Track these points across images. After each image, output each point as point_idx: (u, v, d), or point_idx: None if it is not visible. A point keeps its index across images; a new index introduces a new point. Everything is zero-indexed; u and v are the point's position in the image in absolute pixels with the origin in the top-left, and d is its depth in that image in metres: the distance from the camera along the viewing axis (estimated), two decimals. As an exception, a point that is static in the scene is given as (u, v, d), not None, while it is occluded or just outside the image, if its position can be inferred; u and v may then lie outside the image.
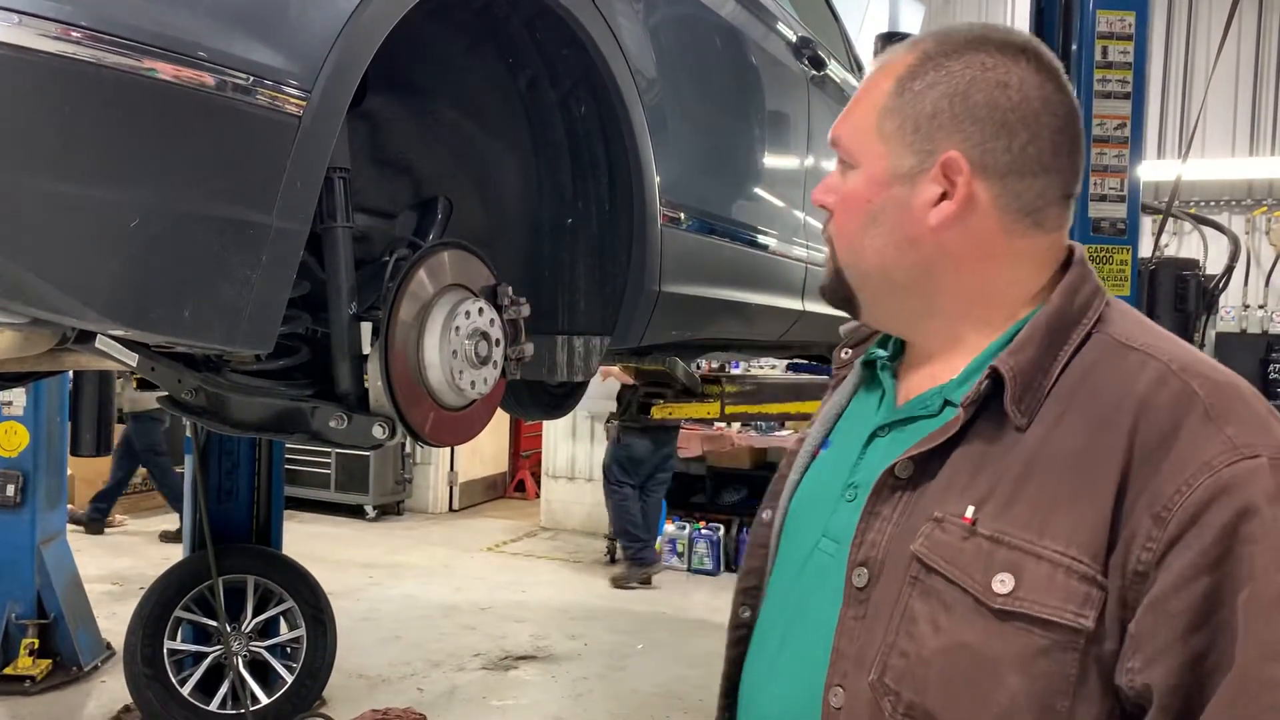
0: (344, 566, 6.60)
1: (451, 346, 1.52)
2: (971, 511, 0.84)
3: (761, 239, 2.56)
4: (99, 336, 1.26)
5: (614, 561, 6.93)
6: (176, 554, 4.63)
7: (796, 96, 2.81)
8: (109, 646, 4.75)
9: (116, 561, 6.51)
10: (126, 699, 4.05)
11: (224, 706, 4.00)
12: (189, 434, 4.16)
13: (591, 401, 5.05)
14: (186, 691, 3.95)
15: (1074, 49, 3.51)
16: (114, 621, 4.77)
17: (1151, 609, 0.77)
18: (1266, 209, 9.33)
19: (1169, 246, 7.75)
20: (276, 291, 1.21)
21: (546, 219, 1.94)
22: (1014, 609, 0.81)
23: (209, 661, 4.02)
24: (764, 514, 1.08)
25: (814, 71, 2.92)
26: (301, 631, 4.12)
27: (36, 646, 4.43)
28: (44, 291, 1.03)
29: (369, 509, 8.49)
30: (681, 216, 2.05)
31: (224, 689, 4.01)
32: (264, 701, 4.04)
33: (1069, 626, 0.79)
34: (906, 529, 0.88)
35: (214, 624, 3.98)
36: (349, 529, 8.11)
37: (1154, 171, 8.24)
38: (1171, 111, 9.54)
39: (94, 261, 1.04)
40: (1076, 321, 0.89)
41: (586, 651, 5.27)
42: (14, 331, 1.21)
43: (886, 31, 3.58)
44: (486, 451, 9.51)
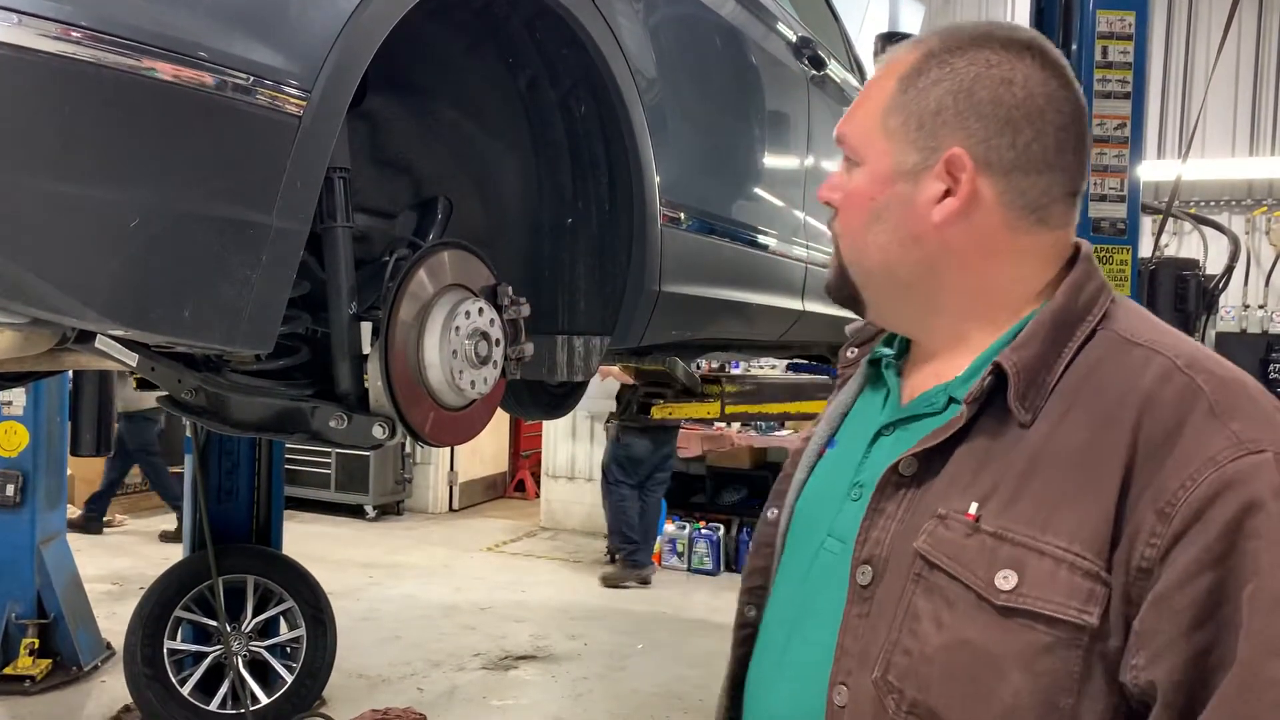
0: (344, 566, 6.60)
1: (451, 346, 1.52)
2: (975, 508, 0.84)
3: (761, 239, 2.56)
4: (99, 336, 1.26)
5: (614, 561, 6.94)
6: (176, 554, 4.63)
7: (796, 96, 2.81)
8: (109, 646, 4.75)
9: (116, 561, 6.51)
10: (126, 699, 4.05)
11: (224, 706, 3.99)
12: (189, 434, 4.17)
13: (591, 401, 5.05)
14: (186, 691, 3.95)
15: (1074, 49, 3.51)
16: (114, 621, 4.76)
17: (1155, 605, 0.77)
18: (1266, 209, 9.32)
19: (1169, 246, 7.75)
20: (276, 291, 1.21)
21: (546, 219, 1.94)
22: (1017, 606, 0.80)
23: (209, 661, 4.02)
24: (769, 513, 1.08)
25: (814, 71, 2.92)
26: (301, 631, 4.12)
27: (36, 646, 4.43)
28: (44, 291, 1.02)
29: (369, 509, 8.49)
30: (681, 216, 2.05)
31: (224, 689, 4.00)
32: (264, 701, 4.04)
33: (1072, 623, 0.79)
34: (910, 526, 0.88)
35: (214, 624, 3.98)
36: (349, 529, 8.11)
37: (1154, 171, 8.24)
38: (1171, 111, 9.54)
39: (94, 261, 1.04)
40: (1081, 318, 0.89)
41: (586, 651, 5.27)
42: (14, 331, 1.21)
43: (886, 31, 3.57)
44: (486, 451, 9.51)
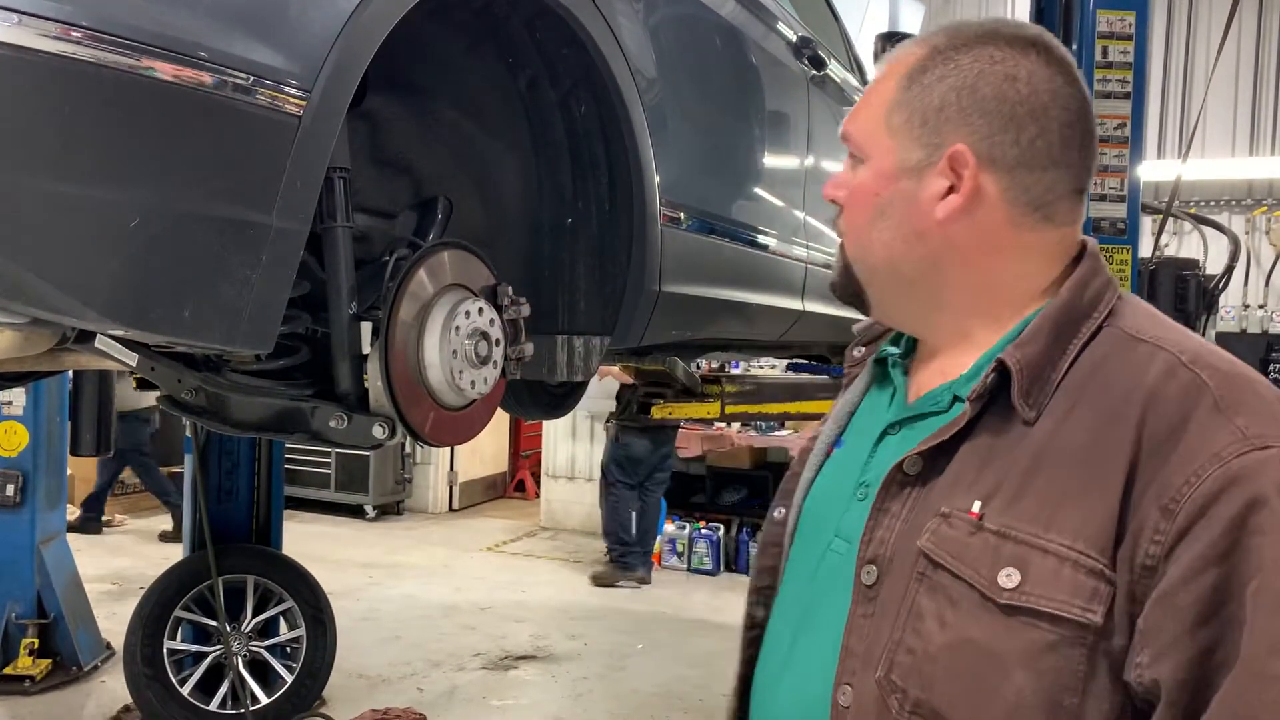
0: (344, 566, 6.59)
1: (451, 346, 1.52)
2: (978, 506, 0.83)
3: (761, 239, 2.56)
4: (99, 336, 1.26)
5: (639, 556, 6.91)
6: (176, 554, 4.63)
7: (796, 96, 2.81)
8: (109, 646, 4.75)
9: (116, 561, 6.51)
10: (126, 699, 4.05)
11: (224, 706, 4.00)
12: (189, 434, 4.17)
13: (591, 401, 5.05)
14: (186, 691, 3.95)
15: (1074, 49, 3.51)
16: (114, 621, 4.76)
17: (1159, 603, 0.76)
18: (1266, 209, 9.32)
19: (1169, 246, 7.75)
20: (276, 291, 1.20)
21: (546, 219, 1.94)
22: (1020, 604, 0.80)
23: (209, 661, 4.02)
24: (777, 512, 1.07)
25: (814, 71, 2.92)
26: (301, 631, 4.12)
27: (36, 646, 4.43)
28: (44, 291, 1.02)
29: (369, 509, 8.49)
30: (681, 216, 2.05)
31: (224, 689, 4.01)
32: (264, 701, 4.04)
33: (1076, 621, 0.78)
34: (914, 525, 0.87)
35: (214, 624, 3.98)
36: (349, 529, 8.11)
37: (1154, 171, 8.23)
38: (1171, 111, 9.54)
39: (94, 261, 1.04)
40: (1086, 315, 0.88)
41: (586, 651, 5.27)
42: (14, 331, 1.21)
43: (886, 31, 3.57)
44: (486, 451, 9.51)
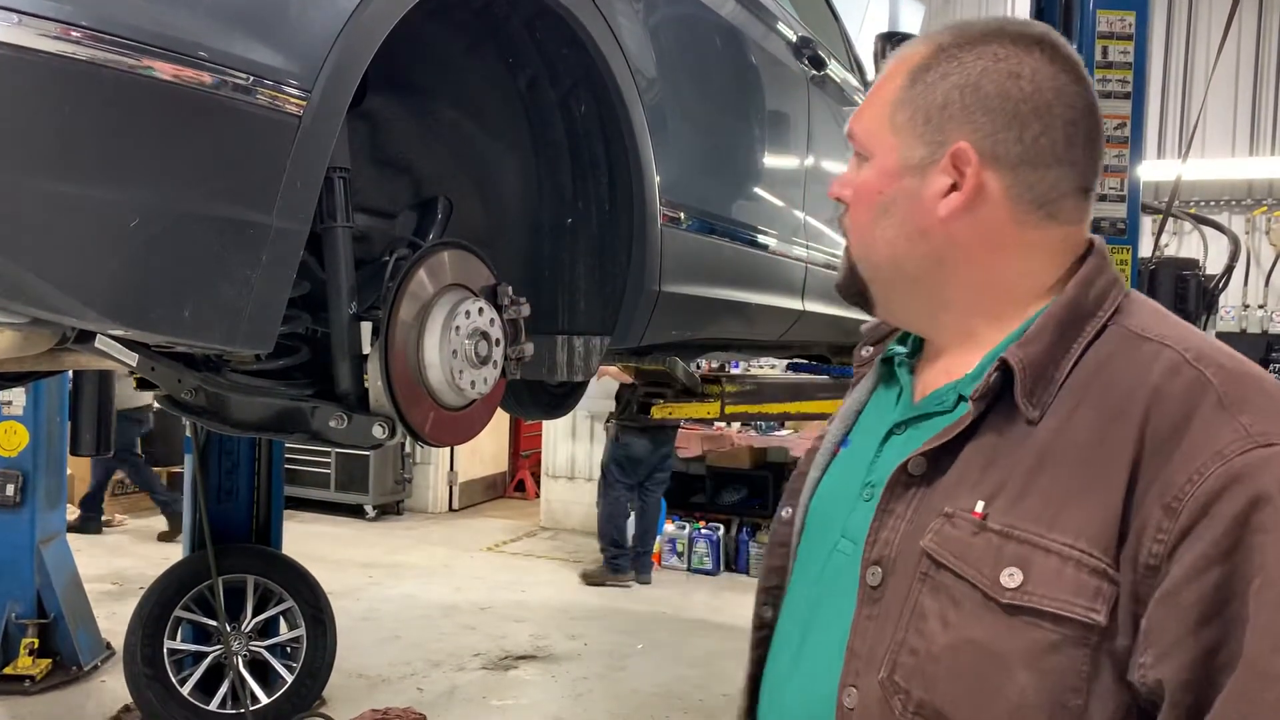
0: (344, 566, 6.59)
1: (451, 346, 1.52)
2: (981, 506, 0.83)
3: (761, 239, 2.56)
4: (99, 336, 1.26)
5: (630, 560, 6.90)
6: (175, 554, 4.63)
7: (796, 96, 2.81)
8: (109, 646, 4.75)
9: (116, 561, 6.51)
10: (126, 699, 4.05)
11: (224, 706, 4.00)
12: (189, 434, 4.17)
13: (591, 401, 5.05)
14: (186, 691, 3.95)
15: (1074, 49, 3.51)
16: (114, 621, 4.76)
17: (1162, 602, 0.76)
18: (1266, 209, 9.32)
19: (1169, 246, 7.75)
20: (276, 291, 1.20)
21: (546, 219, 1.94)
22: (1022, 603, 0.79)
23: (209, 661, 4.02)
24: (784, 512, 1.07)
25: (814, 71, 2.92)
26: (301, 631, 4.12)
27: (36, 646, 4.43)
28: (44, 291, 1.02)
29: (369, 509, 8.49)
30: (681, 216, 2.05)
31: (224, 689, 4.01)
32: (264, 701, 4.04)
33: (1079, 621, 0.78)
34: (918, 526, 0.87)
35: (214, 624, 3.98)
36: (349, 529, 8.11)
37: (1154, 171, 8.23)
38: (1171, 111, 9.54)
39: (94, 261, 1.04)
40: (1091, 313, 0.88)
41: (586, 651, 5.27)
42: (14, 331, 1.21)
43: (886, 31, 3.57)
44: (486, 451, 9.51)
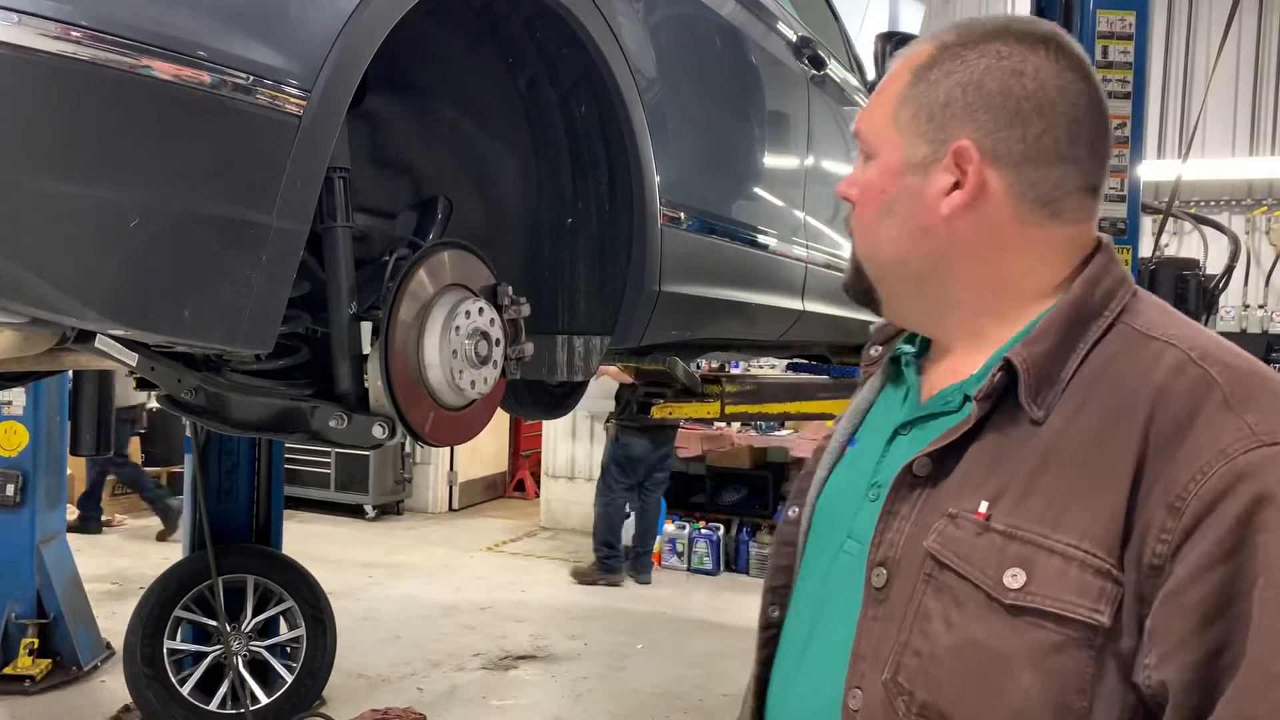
0: (344, 566, 6.59)
1: (451, 346, 1.52)
2: (985, 507, 0.83)
3: (761, 239, 2.56)
4: (99, 336, 1.26)
5: (622, 561, 6.91)
6: (175, 554, 4.63)
7: (796, 96, 2.81)
8: (109, 646, 4.75)
9: (116, 561, 6.51)
10: (126, 699, 4.05)
11: (224, 706, 4.00)
12: (189, 434, 4.17)
13: (591, 401, 5.05)
14: (186, 691, 3.96)
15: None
16: (114, 621, 4.76)
17: (1166, 603, 0.75)
18: (1266, 209, 9.32)
19: (1169, 246, 7.76)
20: (276, 291, 1.20)
21: (546, 219, 1.94)
22: (1025, 604, 0.79)
23: (209, 661, 4.02)
24: (791, 511, 1.07)
25: (814, 71, 2.92)
26: (301, 631, 4.13)
27: (36, 646, 4.43)
28: (44, 291, 1.02)
29: (369, 509, 8.49)
30: (681, 216, 2.05)
31: (224, 689, 4.01)
32: (264, 701, 4.04)
33: (1083, 622, 0.77)
34: (922, 527, 0.87)
35: (214, 624, 3.98)
36: (349, 529, 8.11)
37: (1154, 171, 8.24)
38: (1171, 111, 9.53)
39: (94, 261, 1.04)
40: (1098, 313, 0.87)
41: (586, 651, 5.27)
42: (14, 331, 1.21)
43: (886, 31, 3.57)
44: (486, 451, 9.51)
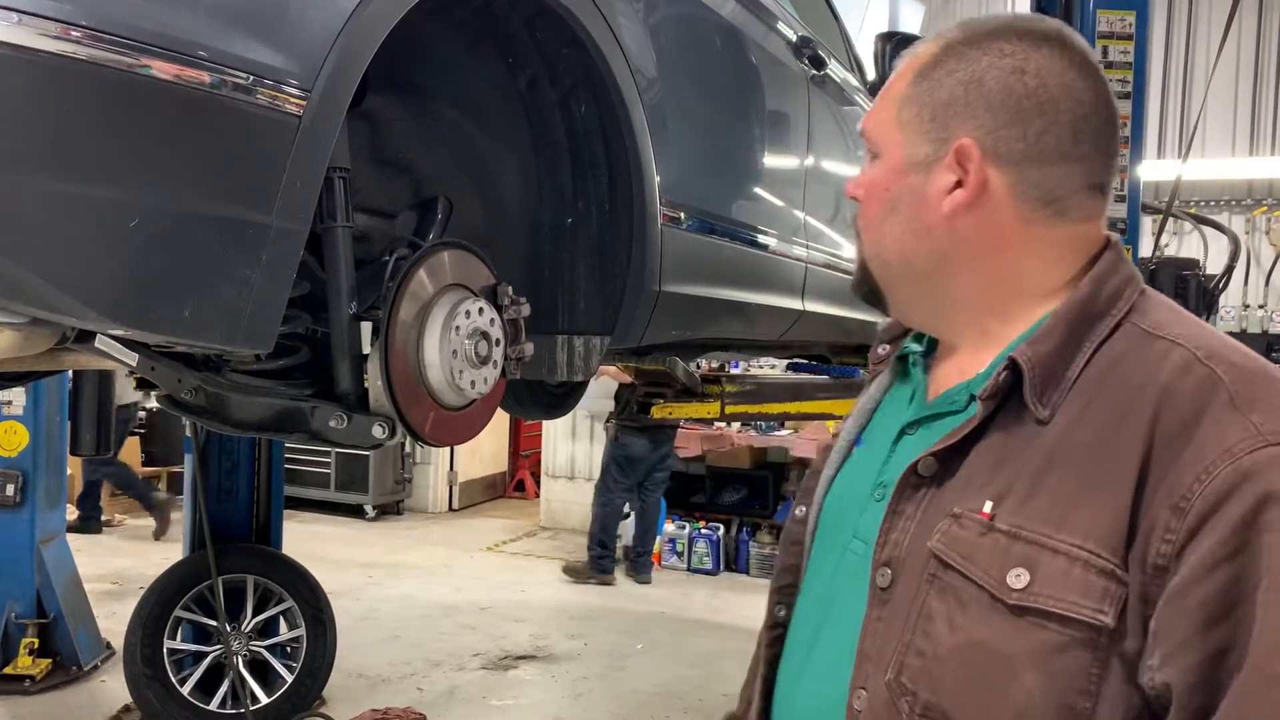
0: (344, 566, 6.59)
1: (451, 346, 1.52)
2: (990, 507, 0.82)
3: (761, 239, 2.55)
4: (99, 336, 1.26)
5: (615, 562, 6.92)
6: (176, 553, 4.63)
7: (796, 96, 2.81)
8: (109, 646, 4.75)
9: (116, 561, 6.51)
10: (126, 698, 4.05)
11: (224, 706, 4.00)
12: (189, 434, 4.17)
13: (591, 401, 5.05)
14: (186, 691, 3.96)
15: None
16: (114, 621, 4.76)
17: (1170, 603, 0.75)
18: (1266, 209, 9.33)
19: (1169, 246, 7.76)
20: (276, 291, 1.20)
21: (546, 219, 1.94)
22: (1029, 604, 0.79)
23: (209, 661, 4.03)
24: (798, 510, 1.07)
25: (814, 71, 2.92)
26: (301, 631, 4.12)
27: (36, 646, 4.43)
28: (44, 291, 1.02)
29: (369, 509, 8.49)
30: (681, 216, 2.05)
31: (224, 688, 4.01)
32: (264, 701, 4.04)
33: (1087, 623, 0.77)
34: (927, 527, 0.86)
35: (214, 624, 3.98)
36: (349, 529, 8.11)
37: (1154, 171, 8.24)
38: (1171, 111, 9.54)
39: (94, 261, 1.04)
40: (1105, 312, 0.87)
41: (586, 651, 5.27)
42: (14, 331, 1.21)
43: (886, 31, 3.57)
44: (486, 451, 9.51)
